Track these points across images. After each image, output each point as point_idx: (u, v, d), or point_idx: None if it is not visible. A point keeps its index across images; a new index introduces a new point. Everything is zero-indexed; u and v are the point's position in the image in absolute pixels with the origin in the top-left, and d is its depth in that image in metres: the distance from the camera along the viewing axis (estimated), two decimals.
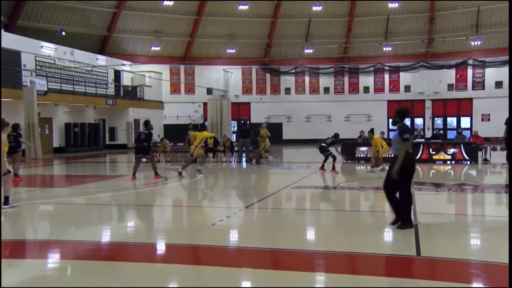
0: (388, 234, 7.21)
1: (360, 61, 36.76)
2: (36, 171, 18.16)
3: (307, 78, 38.15)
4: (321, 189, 12.04)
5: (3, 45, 23.99)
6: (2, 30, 24.75)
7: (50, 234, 7.55)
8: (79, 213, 9.30)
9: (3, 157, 8.79)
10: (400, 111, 7.13)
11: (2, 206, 8.90)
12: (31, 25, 29.69)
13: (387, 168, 7.32)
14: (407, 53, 35.87)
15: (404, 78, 36.58)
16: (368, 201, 10.54)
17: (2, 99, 23.08)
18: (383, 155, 15.37)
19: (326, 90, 38.01)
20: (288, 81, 38.40)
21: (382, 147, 15.49)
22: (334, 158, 15.31)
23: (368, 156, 19.01)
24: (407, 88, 36.73)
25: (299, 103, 37.39)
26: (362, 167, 17.94)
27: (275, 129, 35.52)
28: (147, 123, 14.10)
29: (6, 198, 9.05)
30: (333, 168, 15.14)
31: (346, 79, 37.82)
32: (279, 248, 6.19)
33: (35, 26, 29.82)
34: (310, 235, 7.40)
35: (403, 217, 6.89)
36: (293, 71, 37.59)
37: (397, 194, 6.98)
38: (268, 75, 38.59)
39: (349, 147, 19.70)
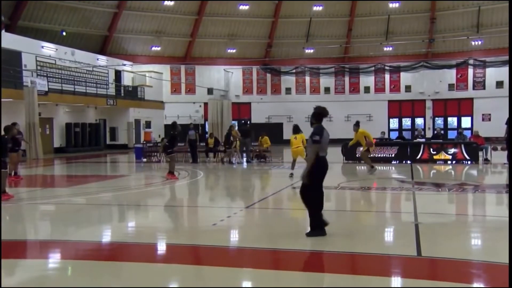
0: (388, 234, 7.22)
1: (361, 61, 36.76)
2: (36, 171, 18.17)
3: (307, 78, 38.16)
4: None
5: (4, 45, 24.03)
6: (3, 31, 24.79)
7: (51, 234, 7.56)
8: (79, 213, 9.30)
9: None
10: (315, 112, 6.65)
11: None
12: (32, 26, 29.70)
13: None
14: (407, 53, 35.86)
15: (405, 78, 36.60)
16: (368, 201, 10.53)
17: (3, 99, 23.15)
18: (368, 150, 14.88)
19: (327, 90, 38.02)
20: (288, 81, 38.40)
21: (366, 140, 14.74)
22: None
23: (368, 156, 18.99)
24: (408, 88, 36.74)
25: (300, 103, 37.35)
26: (363, 167, 17.94)
27: (276, 129, 35.58)
28: (173, 125, 14.08)
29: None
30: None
31: (346, 79, 37.83)
32: (279, 248, 6.18)
33: (36, 27, 29.83)
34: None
35: (312, 223, 6.48)
36: (294, 71, 37.60)
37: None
38: (268, 75, 38.59)
39: (349, 148, 19.68)
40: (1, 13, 14.17)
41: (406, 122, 37.68)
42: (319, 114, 6.62)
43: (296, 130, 14.11)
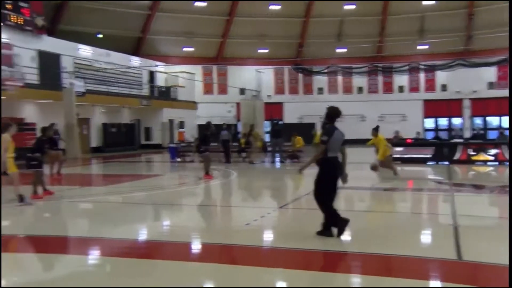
0: (426, 236, 7.04)
1: (394, 60, 36.09)
2: (75, 170, 18.65)
3: (340, 78, 37.77)
4: (355, 190, 11.84)
5: (44, 48, 24.85)
6: (45, 35, 25.64)
7: (88, 231, 7.73)
8: (115, 211, 9.49)
9: (3, 157, 9.01)
10: (327, 113, 6.67)
11: (19, 203, 9.17)
12: (70, 29, 30.57)
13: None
14: (443, 51, 34.93)
15: (441, 77, 35.71)
16: (403, 202, 10.32)
17: (43, 101, 23.92)
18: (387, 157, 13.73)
19: (360, 89, 37.53)
20: (320, 81, 38.11)
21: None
22: None
23: (403, 156, 18.64)
24: (444, 87, 35.84)
25: (332, 103, 36.72)
26: (397, 168, 17.61)
27: (308, 130, 35.34)
28: (207, 126, 14.42)
29: (21, 196, 9.31)
30: None
31: (380, 78, 37.23)
32: (312, 249, 6.13)
33: (74, 30, 30.69)
34: (344, 236, 7.29)
35: (327, 222, 6.47)
36: (326, 70, 37.27)
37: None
38: (300, 75, 38.41)
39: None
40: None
41: (442, 122, 36.73)
42: (331, 114, 6.59)
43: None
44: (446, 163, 17.89)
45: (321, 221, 6.66)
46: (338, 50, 36.64)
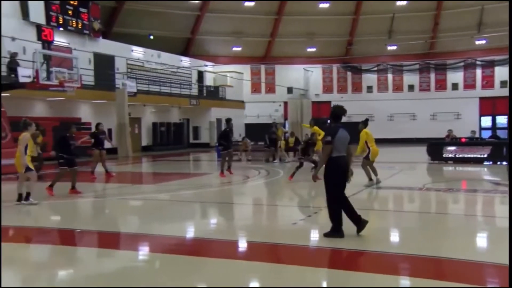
0: (480, 240, 6.75)
1: (448, 56, 34.82)
2: (126, 168, 19.29)
3: (390, 76, 36.91)
4: (405, 190, 11.54)
5: (99, 50, 25.86)
6: (100, 38, 26.68)
7: (139, 228, 7.96)
8: (165, 209, 9.73)
9: (23, 155, 9.30)
10: (331, 112, 6.62)
11: (22, 202, 9.32)
12: (123, 31, 31.66)
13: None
14: (503, 46, 33.28)
15: (500, 73, 34.00)
16: (456, 204, 9.94)
17: (98, 101, 24.89)
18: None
19: (411, 87, 36.49)
20: (370, 79, 37.38)
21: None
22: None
23: (456, 156, 18.00)
24: (503, 84, 34.08)
25: (382, 101, 36.27)
26: (450, 168, 17.00)
27: (357, 129, 34.72)
28: (227, 121, 14.71)
29: (28, 194, 9.42)
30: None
31: (432, 75, 36.06)
32: (361, 249, 6.02)
33: (127, 32, 31.75)
34: (393, 237, 7.12)
35: (333, 224, 6.40)
36: (375, 68, 36.52)
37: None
38: (349, 73, 37.86)
39: (435, 147, 18.76)
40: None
41: (501, 120, 34.93)
42: (336, 114, 6.55)
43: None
44: (505, 163, 17.03)
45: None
46: (389, 48, 35.76)
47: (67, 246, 6.85)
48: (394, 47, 35.73)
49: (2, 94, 16.07)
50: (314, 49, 37.65)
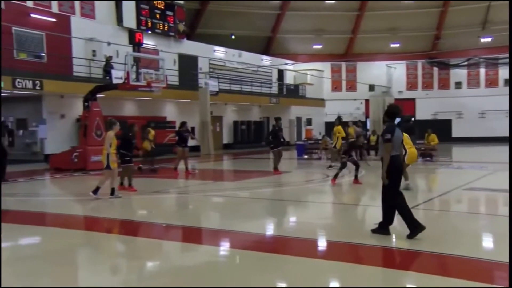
0: None
1: None
2: (208, 165, 19.90)
3: (482, 70, 34.59)
4: (499, 192, 10.75)
5: (184, 51, 26.92)
6: (185, 39, 27.76)
7: (220, 224, 8.17)
8: (245, 206, 9.90)
9: (109, 153, 9.75)
10: (387, 110, 6.64)
11: (109, 197, 9.79)
12: (206, 32, 32.72)
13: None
14: None
15: None
16: None
17: (181, 100, 25.91)
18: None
19: (507, 82, 33.90)
20: (459, 74, 35.33)
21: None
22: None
23: None
24: None
25: (472, 97, 34.12)
26: None
27: (443, 127, 33.05)
28: (276, 119, 15.14)
29: (97, 189, 9.87)
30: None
31: None
32: (446, 253, 5.71)
33: (210, 33, 32.75)
34: (486, 242, 6.67)
35: (383, 221, 6.46)
36: (466, 63, 34.39)
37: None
38: (435, 69, 36.07)
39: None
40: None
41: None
42: (392, 112, 6.53)
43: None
44: None
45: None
46: (482, 40, 33.46)
47: (151, 239, 7.20)
48: (489, 39, 33.33)
49: (97, 95, 17.31)
50: (397, 45, 36.31)
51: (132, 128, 12.16)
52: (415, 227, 6.21)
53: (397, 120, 6.75)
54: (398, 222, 6.71)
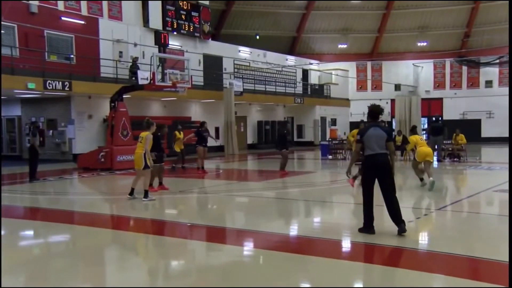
0: None
1: None
2: (233, 165, 19.97)
3: None
4: None
5: (209, 52, 27.11)
6: (210, 39, 27.95)
7: (245, 224, 8.19)
8: (269, 206, 9.90)
9: (148, 153, 9.81)
10: (369, 110, 6.94)
11: (142, 199, 9.74)
12: (231, 32, 32.85)
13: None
14: None
15: None
16: None
17: (206, 100, 26.09)
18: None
19: None
20: (489, 73, 34.48)
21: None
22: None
23: None
24: None
25: (504, 97, 33.18)
26: None
27: (472, 126, 32.32)
28: (284, 123, 15.12)
29: (146, 192, 9.84)
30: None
31: None
32: (475, 256, 5.59)
33: (235, 33, 32.88)
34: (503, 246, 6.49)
35: (394, 219, 6.61)
36: (497, 61, 33.51)
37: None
38: (464, 68, 35.28)
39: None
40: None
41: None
42: (372, 112, 6.83)
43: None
44: None
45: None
46: None
47: (176, 238, 7.27)
48: None
49: (124, 96, 17.58)
50: (425, 44, 35.69)
51: (162, 129, 12.15)
52: (368, 227, 6.60)
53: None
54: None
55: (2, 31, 17.39)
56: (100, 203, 10.72)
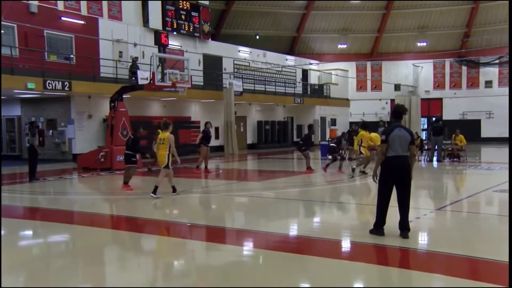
0: None
1: None
2: (233, 165, 19.96)
3: None
4: None
5: (209, 52, 27.09)
6: (210, 39, 27.93)
7: (245, 224, 8.19)
8: (269, 206, 9.89)
9: (174, 152, 9.93)
10: (393, 110, 6.85)
11: (151, 195, 9.82)
12: (231, 32, 32.84)
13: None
14: None
15: None
16: None
17: (206, 100, 26.08)
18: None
19: None
20: (489, 73, 34.48)
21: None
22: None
23: None
24: None
25: (503, 97, 33.17)
26: None
27: (472, 127, 32.30)
28: (309, 127, 16.24)
29: (155, 188, 9.95)
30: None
31: None
32: (474, 257, 5.59)
33: (235, 33, 32.87)
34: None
35: (400, 221, 6.43)
36: (497, 61, 33.49)
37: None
38: (464, 68, 35.27)
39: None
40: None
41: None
42: (396, 112, 6.71)
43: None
44: None
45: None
46: None
47: (176, 238, 7.27)
48: None
49: (124, 96, 17.57)
50: (424, 44, 35.69)
51: (138, 129, 11.76)
52: (377, 229, 6.47)
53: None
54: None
55: (2, 31, 17.37)
56: (100, 203, 10.71)
